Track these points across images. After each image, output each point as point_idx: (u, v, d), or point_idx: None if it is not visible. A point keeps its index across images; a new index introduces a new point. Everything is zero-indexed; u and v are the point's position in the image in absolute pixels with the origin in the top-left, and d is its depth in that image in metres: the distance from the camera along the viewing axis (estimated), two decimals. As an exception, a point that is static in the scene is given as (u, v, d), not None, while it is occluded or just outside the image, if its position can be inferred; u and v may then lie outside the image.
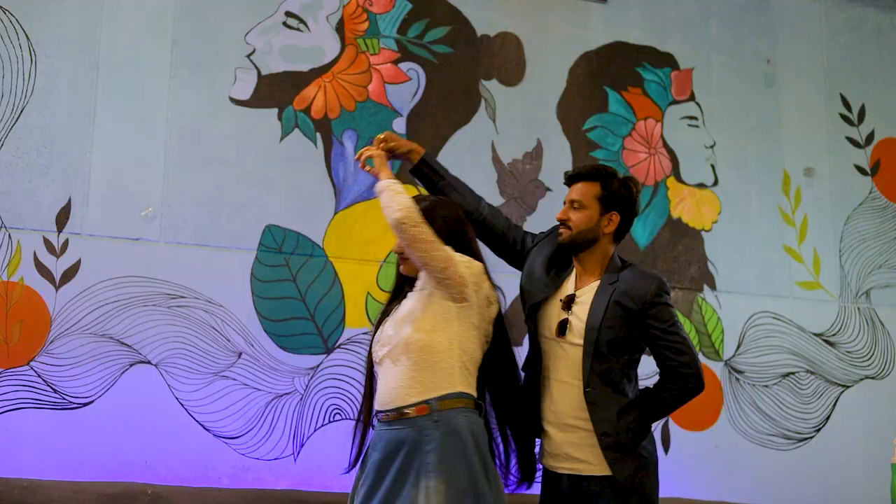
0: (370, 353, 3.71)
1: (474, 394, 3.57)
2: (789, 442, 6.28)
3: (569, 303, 3.76)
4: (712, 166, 6.45)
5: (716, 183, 6.43)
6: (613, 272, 3.78)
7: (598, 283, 3.77)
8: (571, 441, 3.68)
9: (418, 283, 3.61)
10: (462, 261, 3.55)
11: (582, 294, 3.77)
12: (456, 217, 3.71)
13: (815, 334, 6.48)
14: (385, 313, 3.72)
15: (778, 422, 6.27)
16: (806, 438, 6.32)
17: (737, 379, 6.22)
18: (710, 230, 6.35)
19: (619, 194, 3.81)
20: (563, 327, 3.73)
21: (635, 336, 3.70)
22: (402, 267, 3.72)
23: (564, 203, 3.86)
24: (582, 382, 3.66)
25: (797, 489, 6.17)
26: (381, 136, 4.00)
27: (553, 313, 3.79)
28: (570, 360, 3.70)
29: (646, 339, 3.71)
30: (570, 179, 3.89)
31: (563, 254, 3.87)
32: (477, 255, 3.68)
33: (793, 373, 6.37)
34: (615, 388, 3.67)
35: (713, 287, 6.28)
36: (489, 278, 3.64)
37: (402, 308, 3.62)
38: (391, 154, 3.99)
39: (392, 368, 3.54)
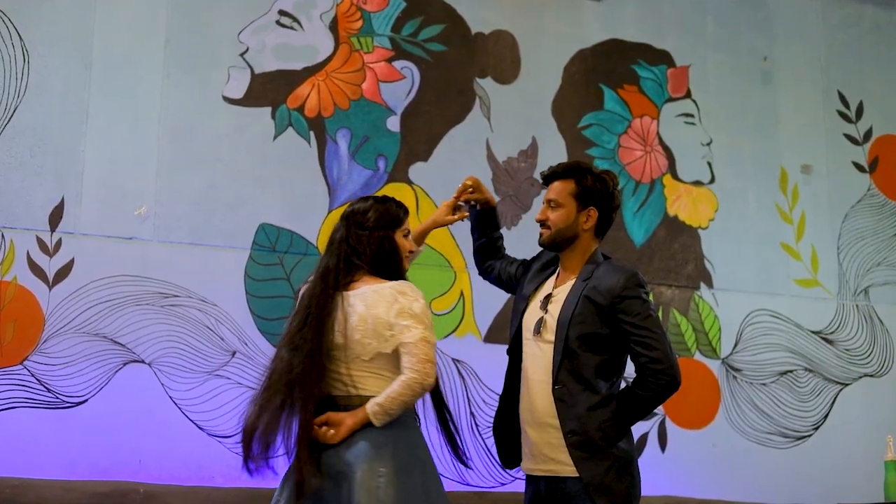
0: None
1: None
2: (787, 440, 6.26)
3: (546, 301, 3.74)
4: (709, 164, 6.43)
5: (712, 180, 6.42)
6: (591, 268, 3.74)
7: (574, 280, 3.75)
8: (548, 441, 3.63)
9: None
10: None
11: (558, 292, 3.75)
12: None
13: (813, 332, 6.46)
14: None
15: (776, 420, 6.25)
16: (804, 437, 6.30)
17: (734, 377, 6.20)
18: (706, 228, 6.34)
19: (594, 189, 3.78)
20: (538, 325, 3.71)
21: (609, 333, 3.64)
22: None
23: (543, 204, 3.85)
24: (552, 379, 3.65)
25: (796, 487, 6.14)
26: (469, 182, 4.09)
27: (533, 314, 3.78)
28: (545, 358, 3.67)
29: (618, 335, 3.65)
30: (546, 179, 3.88)
31: (553, 261, 3.88)
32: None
33: (791, 371, 6.35)
34: (587, 385, 3.59)
35: (710, 285, 6.26)
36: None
37: None
38: (467, 202, 4.11)
39: None
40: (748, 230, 6.44)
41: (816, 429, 6.33)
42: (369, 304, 3.44)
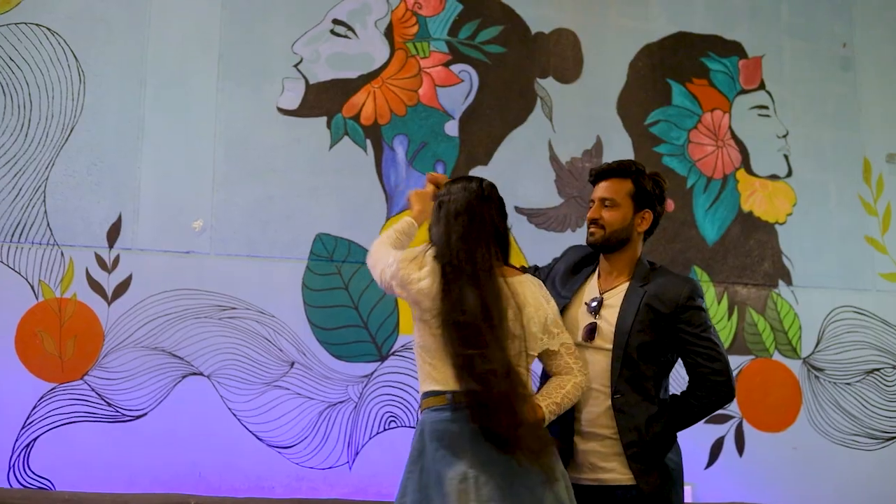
0: None
1: (441, 387, 3.41)
2: (875, 441, 6.01)
3: (596, 306, 3.63)
4: (785, 156, 6.22)
5: (789, 174, 6.20)
6: (643, 274, 3.65)
7: (626, 285, 3.65)
8: (595, 450, 3.56)
9: None
10: (386, 262, 3.49)
11: (610, 297, 3.65)
12: (459, 205, 3.51)
13: (901, 328, 6.20)
14: None
15: (862, 421, 6.01)
16: (893, 437, 6.04)
17: (816, 377, 5.97)
18: (784, 223, 6.12)
19: (652, 192, 3.69)
20: (591, 332, 3.61)
21: (665, 341, 3.57)
22: None
23: (592, 201, 3.73)
24: (610, 389, 3.54)
25: (882, 491, 5.90)
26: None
27: (577, 317, 3.67)
28: (597, 366, 3.58)
29: (676, 343, 3.57)
30: (598, 176, 3.76)
31: (584, 262, 3.77)
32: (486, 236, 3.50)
33: (878, 369, 6.10)
34: (645, 395, 3.54)
35: (789, 282, 6.05)
36: (422, 259, 3.46)
37: None
38: None
39: None
40: (829, 224, 6.20)
41: (906, 429, 6.08)
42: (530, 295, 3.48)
